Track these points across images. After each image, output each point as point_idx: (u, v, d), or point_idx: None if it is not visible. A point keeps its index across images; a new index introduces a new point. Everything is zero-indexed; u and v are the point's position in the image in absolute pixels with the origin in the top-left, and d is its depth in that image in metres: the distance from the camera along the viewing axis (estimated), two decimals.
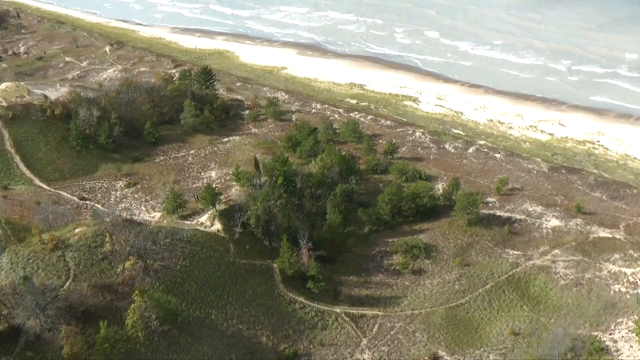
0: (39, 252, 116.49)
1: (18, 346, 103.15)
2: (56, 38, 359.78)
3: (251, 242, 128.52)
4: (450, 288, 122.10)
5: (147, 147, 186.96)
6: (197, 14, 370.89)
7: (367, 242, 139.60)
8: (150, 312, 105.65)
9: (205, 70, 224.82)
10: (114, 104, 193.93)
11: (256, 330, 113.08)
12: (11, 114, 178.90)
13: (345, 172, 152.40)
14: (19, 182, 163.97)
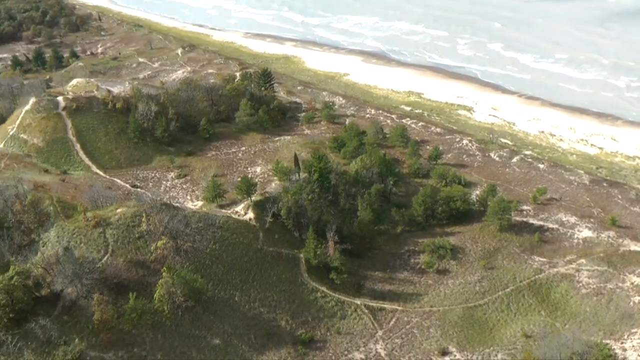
0: (82, 228, 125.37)
1: (56, 310, 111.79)
2: (133, 40, 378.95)
3: (281, 232, 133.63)
4: (471, 289, 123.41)
5: (201, 142, 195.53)
6: (269, 21, 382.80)
7: (397, 241, 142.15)
8: (176, 288, 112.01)
9: (265, 72, 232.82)
10: (173, 101, 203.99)
11: (276, 314, 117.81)
12: (75, 106, 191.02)
13: (385, 173, 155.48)
14: (77, 168, 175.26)
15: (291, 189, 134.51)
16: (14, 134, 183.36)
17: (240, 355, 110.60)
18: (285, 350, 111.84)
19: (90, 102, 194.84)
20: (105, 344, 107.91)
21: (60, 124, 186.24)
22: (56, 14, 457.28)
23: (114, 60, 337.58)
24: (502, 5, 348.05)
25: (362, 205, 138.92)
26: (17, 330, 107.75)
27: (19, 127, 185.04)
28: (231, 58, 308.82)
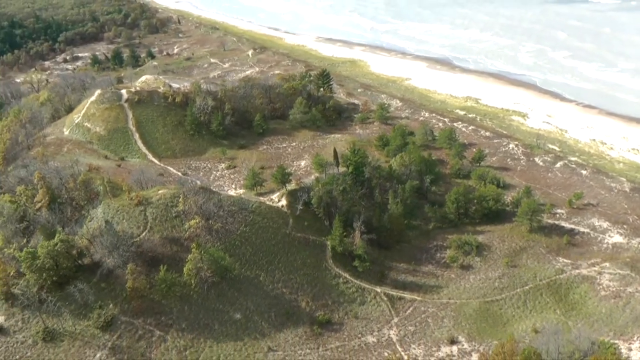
0: (126, 206, 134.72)
1: (95, 277, 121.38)
2: (207, 42, 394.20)
3: (311, 219, 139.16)
4: (490, 284, 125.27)
5: (255, 136, 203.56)
6: (340, 26, 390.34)
7: (428, 237, 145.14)
8: (203, 264, 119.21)
9: (324, 73, 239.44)
10: (231, 97, 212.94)
11: (298, 296, 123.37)
12: (137, 98, 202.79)
13: (424, 171, 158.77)
14: (135, 155, 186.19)
15: (323, 180, 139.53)
16: (79, 122, 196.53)
17: (259, 331, 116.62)
18: (302, 329, 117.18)
19: (152, 96, 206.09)
20: (136, 311, 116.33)
21: (122, 114, 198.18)
22: (137, 17, 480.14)
23: (187, 61, 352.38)
24: (570, 14, 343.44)
25: (392, 199, 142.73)
26: (59, 292, 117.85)
27: (83, 116, 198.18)
28: (299, 60, 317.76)
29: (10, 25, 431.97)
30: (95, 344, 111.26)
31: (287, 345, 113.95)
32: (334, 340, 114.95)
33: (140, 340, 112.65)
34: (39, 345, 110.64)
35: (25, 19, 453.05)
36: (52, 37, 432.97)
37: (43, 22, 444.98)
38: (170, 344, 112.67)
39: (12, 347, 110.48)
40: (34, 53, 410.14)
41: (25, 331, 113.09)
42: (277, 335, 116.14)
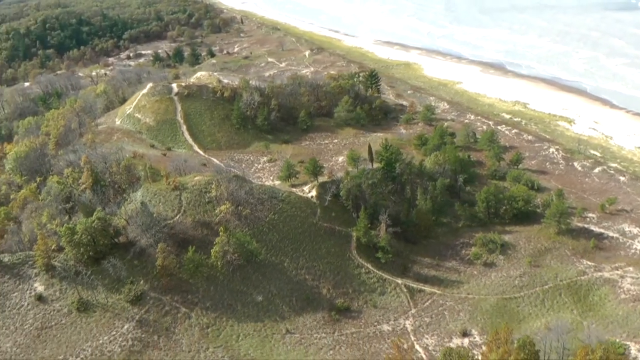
0: (163, 190, 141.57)
1: (129, 255, 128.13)
2: (267, 42, 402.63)
3: (339, 211, 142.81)
4: (510, 282, 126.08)
5: (299, 132, 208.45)
6: (398, 30, 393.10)
7: (456, 234, 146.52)
8: (230, 247, 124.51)
9: (372, 73, 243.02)
10: (278, 93, 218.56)
11: (319, 283, 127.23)
12: (187, 92, 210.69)
13: (459, 171, 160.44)
14: (181, 146, 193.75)
15: (353, 173, 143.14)
16: (130, 113, 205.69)
17: (280, 314, 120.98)
18: (321, 314, 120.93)
19: (201, 90, 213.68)
20: (165, 288, 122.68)
21: (171, 107, 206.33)
22: (201, 17, 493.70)
23: (245, 59, 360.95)
24: (631, 22, 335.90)
25: (421, 196, 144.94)
26: (95, 267, 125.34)
27: (135, 107, 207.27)
28: (354, 62, 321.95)
29: (78, 23, 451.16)
30: (124, 316, 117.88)
31: (304, 328, 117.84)
32: (350, 326, 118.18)
33: (166, 315, 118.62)
34: (73, 314, 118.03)
35: (92, 17, 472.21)
36: (118, 34, 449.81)
37: (109, 20, 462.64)
38: (194, 320, 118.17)
39: (49, 315, 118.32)
40: (99, 49, 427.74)
41: (62, 300, 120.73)
42: (296, 319, 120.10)
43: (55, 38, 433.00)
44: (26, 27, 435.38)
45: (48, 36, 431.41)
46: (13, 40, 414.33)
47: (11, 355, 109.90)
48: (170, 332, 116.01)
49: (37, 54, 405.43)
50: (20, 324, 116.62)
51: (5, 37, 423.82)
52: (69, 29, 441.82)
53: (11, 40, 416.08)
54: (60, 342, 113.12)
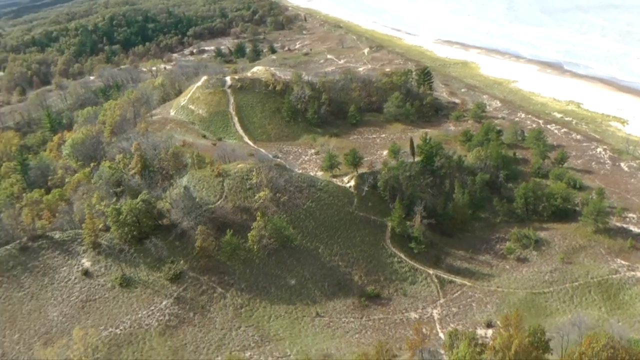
0: (207, 176, 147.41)
1: (171, 236, 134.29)
2: (328, 39, 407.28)
3: (376, 201, 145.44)
4: (541, 277, 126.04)
5: (348, 126, 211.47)
6: (459, 29, 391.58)
7: (492, 229, 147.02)
8: (266, 232, 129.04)
9: (424, 70, 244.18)
10: (329, 88, 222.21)
11: (352, 269, 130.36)
12: (239, 85, 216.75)
13: (501, 167, 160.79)
14: (232, 137, 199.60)
15: (392, 166, 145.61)
16: (184, 105, 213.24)
17: (311, 298, 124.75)
18: (351, 300, 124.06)
19: (254, 83, 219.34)
20: (203, 268, 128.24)
21: (224, 99, 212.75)
22: (265, 14, 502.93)
23: (305, 56, 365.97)
24: None
25: (458, 189, 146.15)
26: (138, 246, 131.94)
27: (189, 99, 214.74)
28: (412, 60, 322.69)
29: (144, 20, 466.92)
30: (163, 293, 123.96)
31: (334, 312, 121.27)
32: (378, 312, 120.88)
33: (203, 294, 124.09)
34: (116, 289, 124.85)
35: (158, 14, 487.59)
36: (182, 31, 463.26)
37: (175, 17, 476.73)
38: (229, 300, 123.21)
39: (94, 288, 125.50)
40: (163, 46, 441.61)
41: (106, 276, 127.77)
42: (327, 303, 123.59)
43: (121, 34, 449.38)
44: (94, 24, 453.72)
45: (114, 32, 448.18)
46: (81, 37, 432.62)
47: (57, 323, 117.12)
48: (205, 310, 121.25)
49: (104, 50, 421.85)
50: (67, 295, 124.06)
51: (74, 33, 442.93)
52: (135, 26, 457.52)
53: (79, 36, 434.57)
54: (102, 314, 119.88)
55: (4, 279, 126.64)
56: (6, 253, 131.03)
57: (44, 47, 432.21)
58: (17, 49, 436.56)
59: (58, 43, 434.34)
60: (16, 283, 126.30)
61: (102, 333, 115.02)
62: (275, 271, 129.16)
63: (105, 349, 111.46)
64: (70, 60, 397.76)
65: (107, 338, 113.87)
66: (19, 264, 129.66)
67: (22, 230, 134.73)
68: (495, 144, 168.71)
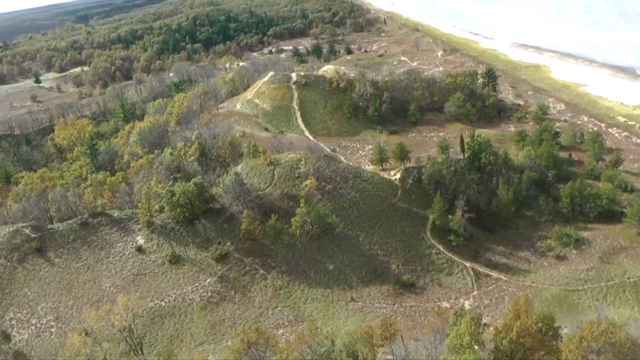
0: (260, 165, 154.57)
1: (220, 219, 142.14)
2: (404, 42, 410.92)
3: (419, 194, 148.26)
4: (576, 275, 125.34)
5: (407, 125, 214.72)
6: (535, 33, 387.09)
7: (536, 227, 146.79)
8: (309, 218, 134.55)
9: (489, 72, 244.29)
10: (391, 86, 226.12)
11: (390, 258, 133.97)
12: (304, 81, 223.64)
13: (552, 167, 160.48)
14: (293, 131, 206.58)
15: (435, 159, 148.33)
16: (250, 99, 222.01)
17: (348, 283, 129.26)
18: (386, 287, 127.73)
19: (318, 80, 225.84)
20: (247, 250, 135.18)
21: (288, 94, 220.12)
22: (345, 16, 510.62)
23: (379, 57, 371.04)
24: None
25: (502, 186, 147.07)
26: (189, 227, 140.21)
27: (255, 94, 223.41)
28: (484, 63, 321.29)
29: (226, 20, 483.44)
30: (209, 271, 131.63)
31: (368, 298, 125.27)
32: (411, 300, 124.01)
33: (245, 275, 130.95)
34: (166, 266, 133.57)
35: (240, 14, 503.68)
36: (263, 31, 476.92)
37: (256, 17, 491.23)
38: (269, 282, 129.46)
39: (145, 264, 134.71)
40: (244, 45, 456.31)
41: (158, 253, 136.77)
42: (363, 289, 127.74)
43: (203, 33, 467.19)
44: (178, 23, 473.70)
45: (197, 32, 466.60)
46: (165, 35, 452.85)
47: (108, 292, 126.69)
48: (246, 290, 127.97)
49: (185, 48, 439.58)
50: (120, 269, 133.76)
51: (158, 32, 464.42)
52: (217, 25, 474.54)
53: (163, 35, 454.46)
54: (151, 287, 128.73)
55: (65, 251, 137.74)
56: (68, 227, 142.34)
57: (129, 44, 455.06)
58: (103, 46, 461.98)
59: (142, 41, 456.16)
60: (75, 255, 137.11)
61: (148, 304, 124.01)
62: (315, 256, 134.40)
63: (150, 318, 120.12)
64: (152, 57, 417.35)
65: (152, 309, 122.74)
66: (79, 237, 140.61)
67: (84, 207, 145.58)
68: (548, 144, 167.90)
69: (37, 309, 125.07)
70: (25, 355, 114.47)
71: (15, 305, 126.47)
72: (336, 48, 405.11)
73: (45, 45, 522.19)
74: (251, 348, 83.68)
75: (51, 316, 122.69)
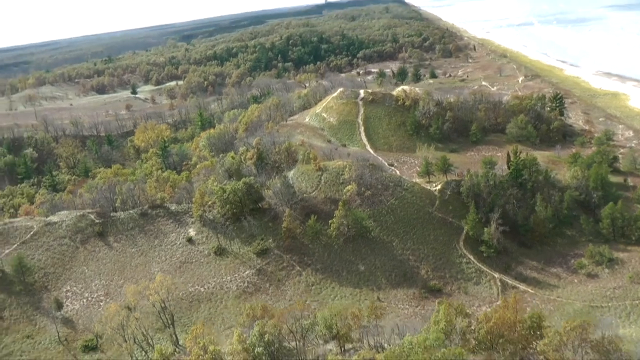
0: (309, 170, 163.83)
1: (265, 217, 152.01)
2: (489, 68, 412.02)
3: (457, 205, 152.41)
4: (603, 292, 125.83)
5: (468, 144, 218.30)
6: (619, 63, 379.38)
7: (574, 246, 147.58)
8: (346, 221, 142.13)
9: (556, 96, 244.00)
10: (454, 106, 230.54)
11: (420, 264, 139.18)
12: (371, 98, 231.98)
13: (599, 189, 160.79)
14: (355, 144, 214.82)
15: (475, 173, 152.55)
16: (318, 113, 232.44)
17: (377, 284, 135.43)
18: (412, 290, 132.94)
19: (384, 97, 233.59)
20: (286, 248, 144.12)
21: (354, 110, 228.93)
22: (435, 41, 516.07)
23: (461, 82, 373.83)
24: None
25: (541, 203, 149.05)
26: (236, 223, 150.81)
27: (323, 108, 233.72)
28: (562, 89, 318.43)
29: (319, 41, 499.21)
30: (249, 264, 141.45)
31: (394, 299, 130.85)
32: (434, 304, 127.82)
33: (282, 270, 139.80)
34: (211, 257, 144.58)
35: (332, 37, 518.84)
36: (353, 53, 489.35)
37: (347, 40, 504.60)
38: (303, 278, 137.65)
39: (193, 254, 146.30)
40: (333, 65, 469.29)
41: (205, 245, 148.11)
42: (390, 291, 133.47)
43: (295, 53, 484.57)
44: (271, 43, 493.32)
45: (289, 51, 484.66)
46: (258, 53, 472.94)
47: (155, 276, 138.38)
48: (280, 284, 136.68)
49: (277, 66, 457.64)
50: (170, 256, 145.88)
51: (252, 50, 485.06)
52: (309, 46, 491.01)
53: (256, 53, 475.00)
54: (194, 274, 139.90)
55: (123, 237, 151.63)
56: (128, 216, 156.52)
57: (223, 61, 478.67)
58: (199, 62, 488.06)
59: (236, 58, 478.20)
60: (132, 241, 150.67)
61: (189, 289, 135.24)
62: (349, 257, 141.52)
63: (188, 302, 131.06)
64: (244, 74, 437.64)
65: (191, 293, 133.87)
66: (137, 226, 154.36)
67: (145, 199, 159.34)
68: (597, 166, 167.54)
69: (91, 285, 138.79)
70: (72, 322, 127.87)
71: (73, 279, 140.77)
72: (421, 72, 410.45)
73: (145, 59, 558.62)
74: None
75: (102, 292, 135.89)
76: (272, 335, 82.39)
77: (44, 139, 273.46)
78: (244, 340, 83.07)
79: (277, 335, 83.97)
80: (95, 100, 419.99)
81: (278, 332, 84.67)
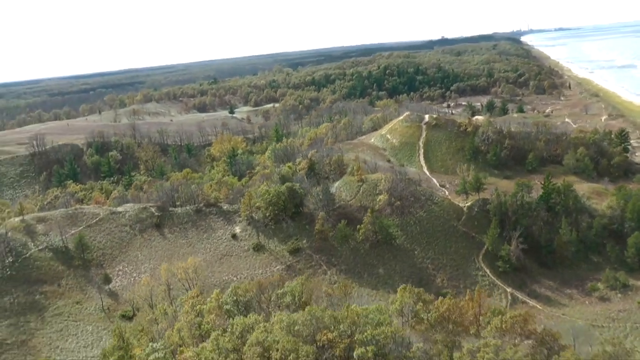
0: (351, 181, 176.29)
1: (303, 220, 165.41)
2: (577, 106, 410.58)
3: (482, 222, 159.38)
4: (607, 314, 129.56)
5: (523, 172, 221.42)
6: None
7: (597, 271, 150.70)
8: (373, 227, 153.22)
9: (621, 132, 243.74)
10: (515, 135, 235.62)
11: (437, 272, 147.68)
12: (434, 123, 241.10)
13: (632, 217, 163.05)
14: (413, 165, 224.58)
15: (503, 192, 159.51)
16: (383, 134, 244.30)
17: (393, 287, 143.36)
18: None
19: (447, 123, 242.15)
20: (317, 248, 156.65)
21: (416, 133, 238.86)
22: (530, 78, 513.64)
23: (544, 117, 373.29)
24: None
25: (565, 226, 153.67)
26: (276, 223, 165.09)
27: (388, 130, 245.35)
28: None
29: (414, 72, 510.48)
30: (280, 260, 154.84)
31: None
32: None
33: (310, 267, 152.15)
34: (250, 252, 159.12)
35: (428, 68, 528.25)
36: (447, 85, 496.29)
37: (443, 72, 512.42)
38: (328, 277, 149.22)
39: (234, 248, 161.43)
40: (425, 96, 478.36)
41: (246, 241, 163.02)
42: None
43: (390, 82, 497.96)
44: (368, 72, 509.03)
45: (385, 80, 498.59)
46: (354, 81, 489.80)
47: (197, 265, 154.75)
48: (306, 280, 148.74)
49: (371, 95, 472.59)
50: (214, 249, 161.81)
51: (349, 78, 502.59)
52: (404, 76, 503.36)
53: (353, 81, 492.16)
54: (231, 266, 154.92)
55: (177, 229, 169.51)
56: (184, 212, 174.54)
57: (321, 87, 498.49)
58: (298, 86, 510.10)
59: (333, 85, 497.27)
60: (184, 233, 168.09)
61: (223, 277, 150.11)
62: (372, 261, 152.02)
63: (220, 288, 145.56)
64: (338, 99, 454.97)
65: (224, 281, 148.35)
66: (191, 221, 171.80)
67: (203, 198, 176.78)
68: (637, 197, 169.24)
69: (140, 267, 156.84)
70: (117, 295, 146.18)
71: (126, 261, 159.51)
72: (508, 107, 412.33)
73: (247, 82, 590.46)
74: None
75: (148, 274, 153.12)
76: (241, 297, 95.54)
77: (129, 144, 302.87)
78: (219, 299, 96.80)
79: (246, 295, 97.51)
80: (194, 118, 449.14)
81: (249, 294, 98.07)
